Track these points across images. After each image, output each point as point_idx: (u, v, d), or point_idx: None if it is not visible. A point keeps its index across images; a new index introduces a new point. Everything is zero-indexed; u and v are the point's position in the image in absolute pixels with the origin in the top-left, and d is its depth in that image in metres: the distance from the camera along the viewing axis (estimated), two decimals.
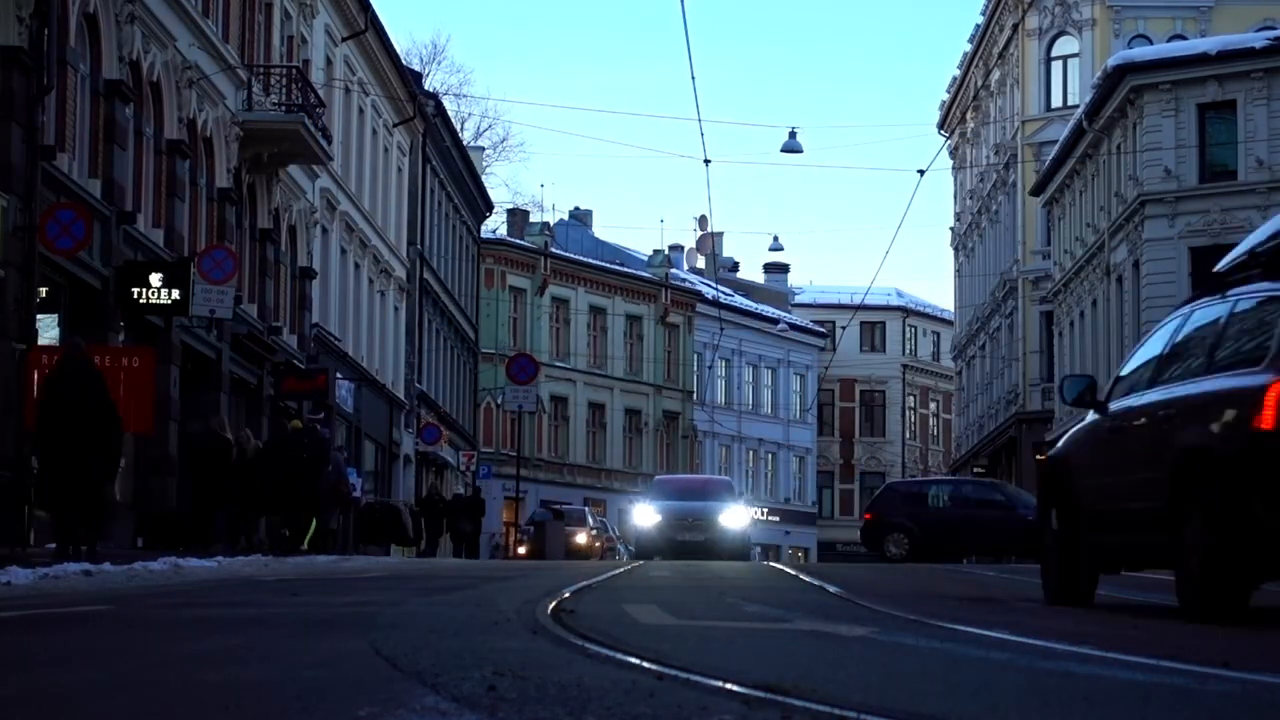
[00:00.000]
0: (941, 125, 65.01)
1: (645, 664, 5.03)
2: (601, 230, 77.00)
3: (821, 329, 78.07)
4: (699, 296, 70.87)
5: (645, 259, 72.52)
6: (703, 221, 78.61)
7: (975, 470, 57.24)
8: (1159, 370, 9.41)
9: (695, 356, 70.87)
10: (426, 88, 51.56)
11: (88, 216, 21.26)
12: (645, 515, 29.93)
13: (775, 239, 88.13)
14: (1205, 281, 10.58)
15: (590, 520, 48.07)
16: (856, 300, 64.13)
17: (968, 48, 60.46)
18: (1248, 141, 36.82)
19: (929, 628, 7.52)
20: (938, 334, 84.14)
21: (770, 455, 76.47)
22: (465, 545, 40.06)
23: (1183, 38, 45.50)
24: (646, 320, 69.04)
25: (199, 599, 10.21)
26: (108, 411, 16.29)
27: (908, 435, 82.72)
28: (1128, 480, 9.35)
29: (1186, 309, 9.64)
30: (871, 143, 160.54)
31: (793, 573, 15.41)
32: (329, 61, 37.92)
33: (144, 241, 25.03)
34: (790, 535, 73.96)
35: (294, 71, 32.28)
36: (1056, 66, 51.62)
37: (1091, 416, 10.18)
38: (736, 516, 29.84)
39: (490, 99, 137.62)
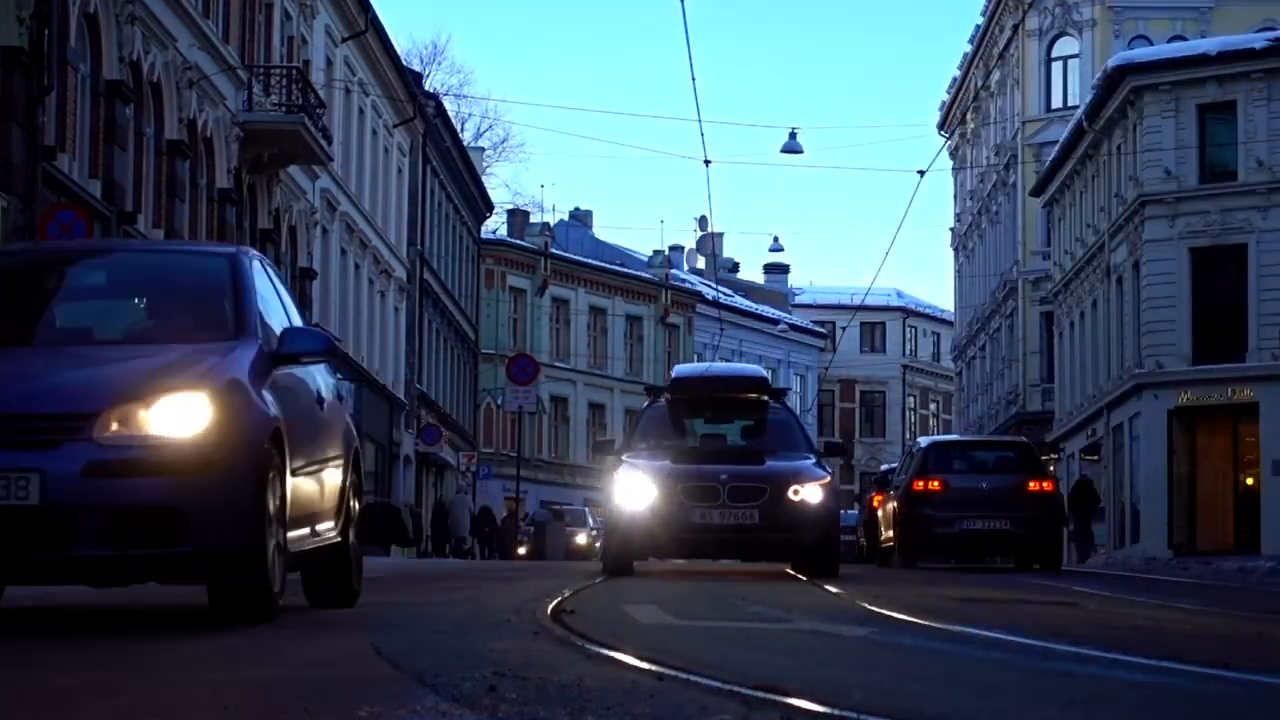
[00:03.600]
0: (941, 126, 65.00)
1: (645, 664, 5.03)
2: (601, 231, 77.04)
3: (822, 329, 78.06)
4: (699, 297, 70.86)
5: (645, 259, 72.51)
6: (703, 222, 78.57)
7: None
8: None
9: (695, 357, 70.78)
10: (427, 88, 51.58)
11: (88, 217, 21.27)
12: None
13: (775, 239, 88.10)
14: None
15: (590, 521, 48.06)
16: (856, 301, 64.08)
17: (968, 48, 60.45)
18: (1248, 142, 36.81)
19: (929, 628, 7.52)
20: (938, 335, 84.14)
21: None
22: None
23: (1183, 38, 45.49)
24: (647, 321, 69.05)
25: (199, 599, 10.20)
26: None
27: (908, 436, 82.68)
28: None
29: None
30: (871, 143, 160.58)
31: (793, 573, 15.40)
32: (329, 62, 37.95)
33: None
34: None
35: (294, 72, 32.30)
36: (1057, 67, 51.61)
37: None
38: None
39: (490, 99, 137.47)
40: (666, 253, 73.13)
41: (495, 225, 66.15)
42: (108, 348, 7.42)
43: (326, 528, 8.32)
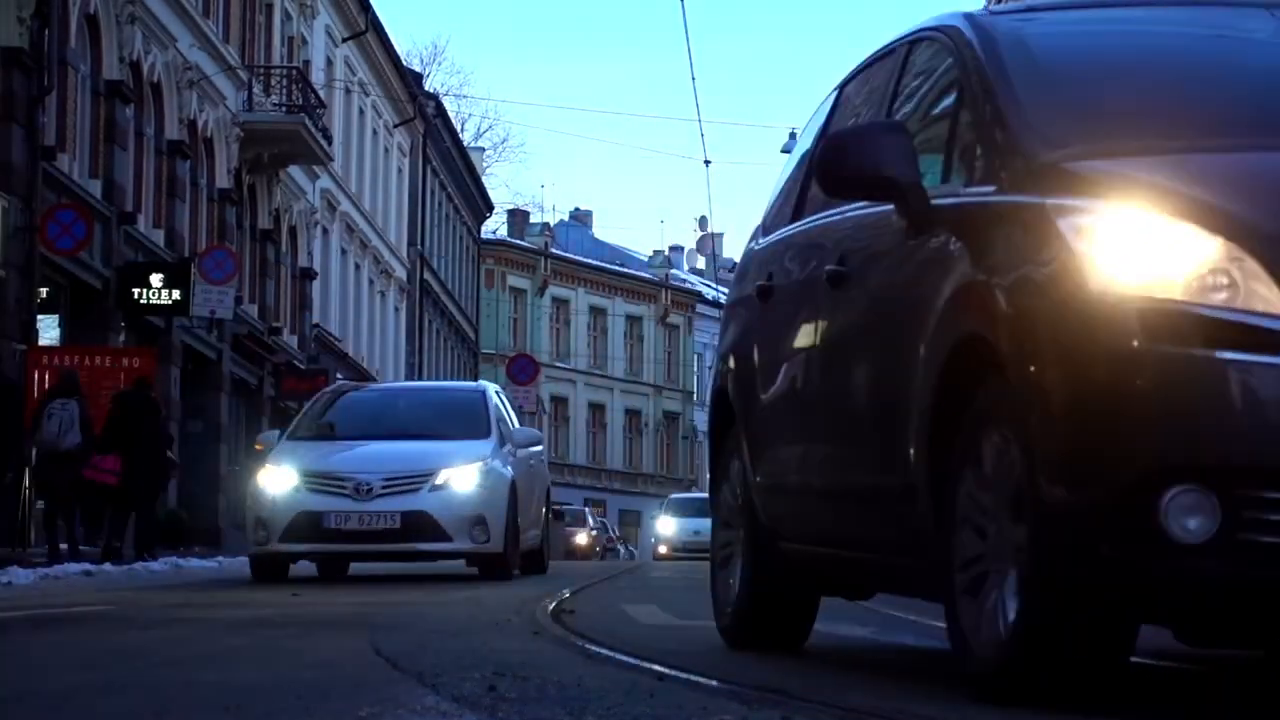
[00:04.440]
0: None
1: (645, 664, 5.03)
2: (601, 231, 77.12)
3: None
4: (699, 297, 70.89)
5: (645, 259, 72.53)
6: (703, 222, 78.64)
7: None
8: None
9: (695, 357, 70.89)
10: (427, 88, 51.59)
11: (88, 217, 21.27)
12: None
13: None
14: None
15: (590, 521, 48.10)
16: None
17: None
18: None
19: (930, 627, 7.52)
20: None
21: None
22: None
23: None
24: (646, 321, 69.06)
25: (199, 599, 10.21)
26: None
27: None
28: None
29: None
30: None
31: None
32: (329, 62, 37.94)
33: (144, 242, 25.04)
34: None
35: (294, 72, 32.29)
36: None
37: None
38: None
39: (490, 100, 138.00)
40: (666, 253, 73.16)
41: (495, 225, 66.22)
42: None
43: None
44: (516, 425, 15.41)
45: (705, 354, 70.02)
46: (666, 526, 38.77)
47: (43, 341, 21.64)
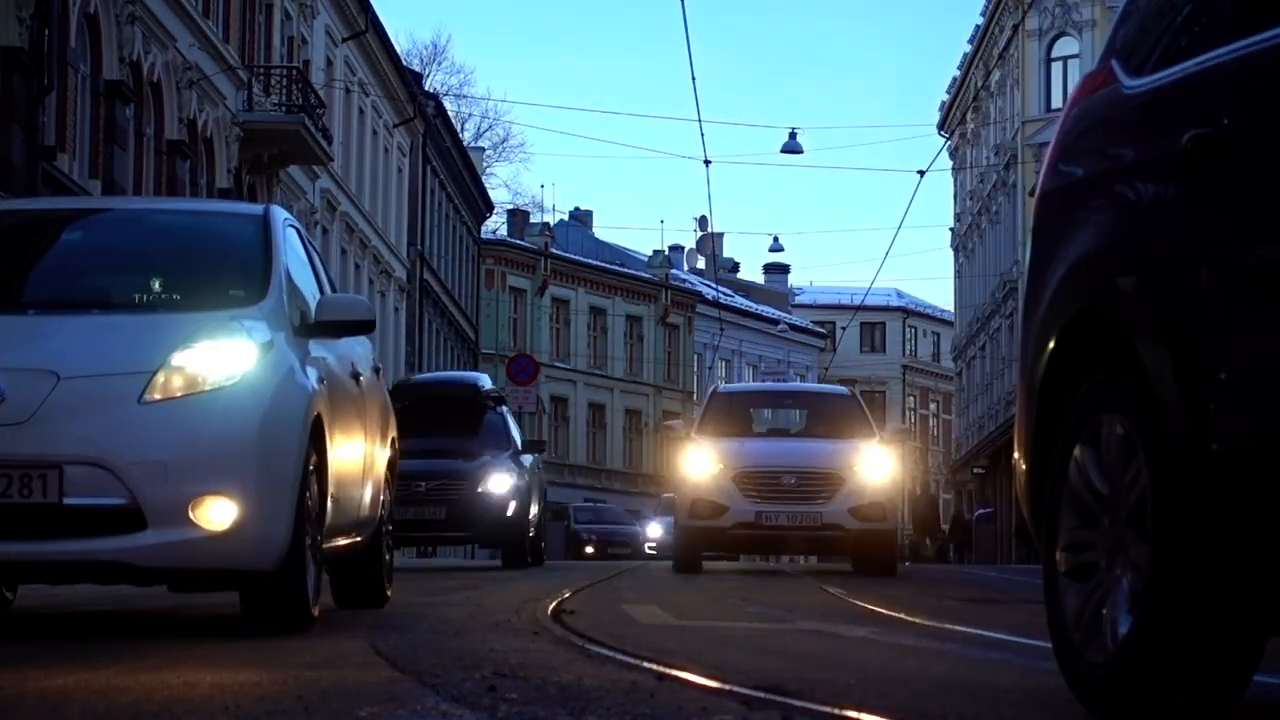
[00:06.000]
0: (941, 126, 64.97)
1: (645, 664, 5.03)
2: (601, 231, 77.10)
3: (822, 330, 78.08)
4: (699, 297, 70.88)
5: (645, 259, 72.53)
6: (703, 222, 78.58)
7: (975, 471, 57.39)
8: None
9: (695, 357, 70.87)
10: (427, 88, 51.58)
11: None
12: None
13: (775, 239, 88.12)
14: None
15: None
16: (856, 301, 64.08)
17: (968, 48, 60.43)
18: None
19: (929, 628, 7.52)
20: (938, 335, 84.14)
21: None
22: None
23: None
24: (647, 321, 69.05)
25: (199, 599, 10.21)
26: None
27: None
28: None
29: None
30: (871, 143, 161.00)
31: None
32: (329, 62, 37.94)
33: None
34: None
35: (294, 72, 32.29)
36: (1056, 67, 51.60)
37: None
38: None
39: (491, 99, 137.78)
40: (666, 253, 73.13)
41: (495, 225, 66.20)
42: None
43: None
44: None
45: (705, 354, 70.01)
46: None
47: None
